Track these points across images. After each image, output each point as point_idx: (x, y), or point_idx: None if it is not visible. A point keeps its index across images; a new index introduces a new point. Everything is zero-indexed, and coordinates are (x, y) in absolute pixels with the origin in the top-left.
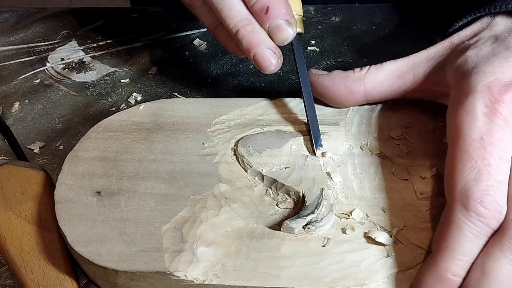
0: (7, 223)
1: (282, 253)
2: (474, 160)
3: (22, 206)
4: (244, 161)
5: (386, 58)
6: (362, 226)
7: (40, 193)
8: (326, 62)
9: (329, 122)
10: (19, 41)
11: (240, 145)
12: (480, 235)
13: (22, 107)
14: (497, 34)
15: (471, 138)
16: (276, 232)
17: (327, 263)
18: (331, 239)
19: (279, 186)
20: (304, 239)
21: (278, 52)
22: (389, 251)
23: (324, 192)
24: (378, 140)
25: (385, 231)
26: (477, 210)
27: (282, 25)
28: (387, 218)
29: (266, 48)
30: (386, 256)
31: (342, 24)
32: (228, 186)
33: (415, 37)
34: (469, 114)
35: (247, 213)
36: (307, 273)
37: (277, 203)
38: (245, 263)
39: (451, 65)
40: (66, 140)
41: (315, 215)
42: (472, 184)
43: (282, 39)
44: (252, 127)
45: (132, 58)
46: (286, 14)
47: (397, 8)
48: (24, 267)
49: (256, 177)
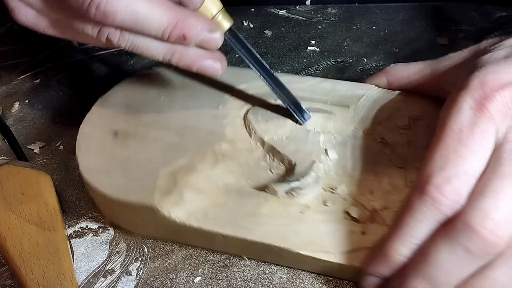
0: (7, 223)
1: (262, 211)
2: (446, 150)
3: (22, 206)
4: (250, 126)
5: (386, 58)
6: (344, 202)
7: (40, 193)
8: (326, 62)
9: (338, 103)
10: (19, 41)
11: (250, 112)
12: (431, 220)
13: (22, 107)
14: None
15: (451, 128)
16: (261, 193)
17: (300, 227)
18: (310, 208)
19: (276, 153)
20: (286, 203)
21: (217, 56)
22: (363, 229)
23: (315, 164)
24: (383, 127)
25: (365, 210)
26: (432, 194)
27: (205, 37)
28: (371, 199)
29: (203, 61)
30: (360, 233)
31: (342, 24)
32: (230, 146)
33: (415, 37)
34: (456, 106)
35: (240, 172)
36: (278, 232)
37: (270, 168)
38: (226, 214)
39: (466, 67)
40: (66, 140)
41: (300, 183)
42: (436, 171)
43: (214, 47)
44: (267, 98)
45: (132, 58)
46: (203, 26)
47: (397, 8)
48: (24, 267)
49: (258, 143)
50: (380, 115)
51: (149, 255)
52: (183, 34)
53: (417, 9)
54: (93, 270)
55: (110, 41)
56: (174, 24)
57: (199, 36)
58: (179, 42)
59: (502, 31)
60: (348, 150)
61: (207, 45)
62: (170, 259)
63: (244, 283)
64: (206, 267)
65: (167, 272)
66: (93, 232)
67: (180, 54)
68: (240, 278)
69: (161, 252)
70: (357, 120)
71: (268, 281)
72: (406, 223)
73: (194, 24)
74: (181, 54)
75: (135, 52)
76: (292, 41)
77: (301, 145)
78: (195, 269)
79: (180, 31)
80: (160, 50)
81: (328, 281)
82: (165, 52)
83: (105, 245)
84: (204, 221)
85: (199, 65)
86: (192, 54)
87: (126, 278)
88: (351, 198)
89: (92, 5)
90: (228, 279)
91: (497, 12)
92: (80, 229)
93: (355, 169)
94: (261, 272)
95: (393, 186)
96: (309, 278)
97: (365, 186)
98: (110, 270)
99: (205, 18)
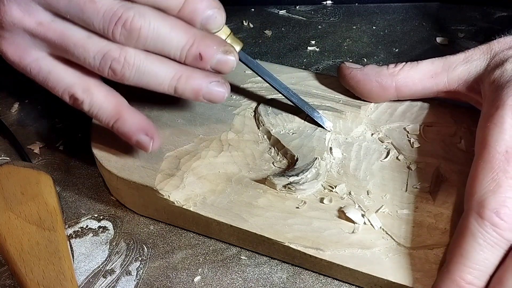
0: (7, 223)
1: (258, 202)
2: (496, 172)
3: (22, 206)
4: (259, 119)
5: (386, 58)
6: (341, 201)
7: (40, 193)
8: (326, 62)
9: (351, 104)
10: None
11: (261, 104)
12: (495, 246)
13: (22, 107)
14: None
15: (496, 150)
16: (260, 185)
17: (294, 222)
18: (307, 203)
19: (280, 147)
20: (283, 196)
21: (221, 80)
22: (356, 229)
23: (317, 161)
24: (393, 131)
25: (361, 211)
26: (491, 219)
27: (221, 58)
28: (368, 200)
29: (209, 84)
30: (351, 233)
31: (342, 24)
32: (236, 136)
33: (415, 37)
34: (497, 127)
35: (243, 163)
36: (272, 224)
37: (273, 161)
38: (223, 202)
39: (488, 76)
40: (66, 140)
41: (299, 178)
42: (490, 195)
43: (229, 69)
44: (280, 94)
45: None
46: (219, 46)
47: (397, 8)
48: (24, 267)
49: (265, 135)
50: (391, 118)
51: (149, 255)
52: (199, 54)
53: (417, 9)
54: (93, 270)
55: (114, 70)
56: (191, 43)
57: (215, 57)
58: (196, 62)
59: (502, 31)
60: (354, 150)
61: (223, 68)
62: (170, 259)
63: (244, 283)
64: (206, 267)
65: (167, 272)
66: (93, 232)
67: (187, 77)
68: (240, 278)
69: (161, 252)
70: (367, 122)
71: (268, 281)
72: (468, 250)
73: (210, 44)
74: (187, 76)
75: (139, 82)
76: (292, 41)
77: (307, 141)
78: (195, 269)
79: (196, 50)
80: (169, 74)
81: (328, 281)
82: (173, 75)
83: (105, 245)
84: (202, 207)
85: (205, 90)
86: (198, 75)
87: (126, 278)
88: (349, 198)
89: (119, 23)
90: (228, 279)
91: (497, 12)
92: (80, 229)
93: (357, 170)
94: (261, 272)
95: (392, 190)
96: (309, 278)
97: (363, 187)
98: (110, 270)
99: (221, 39)
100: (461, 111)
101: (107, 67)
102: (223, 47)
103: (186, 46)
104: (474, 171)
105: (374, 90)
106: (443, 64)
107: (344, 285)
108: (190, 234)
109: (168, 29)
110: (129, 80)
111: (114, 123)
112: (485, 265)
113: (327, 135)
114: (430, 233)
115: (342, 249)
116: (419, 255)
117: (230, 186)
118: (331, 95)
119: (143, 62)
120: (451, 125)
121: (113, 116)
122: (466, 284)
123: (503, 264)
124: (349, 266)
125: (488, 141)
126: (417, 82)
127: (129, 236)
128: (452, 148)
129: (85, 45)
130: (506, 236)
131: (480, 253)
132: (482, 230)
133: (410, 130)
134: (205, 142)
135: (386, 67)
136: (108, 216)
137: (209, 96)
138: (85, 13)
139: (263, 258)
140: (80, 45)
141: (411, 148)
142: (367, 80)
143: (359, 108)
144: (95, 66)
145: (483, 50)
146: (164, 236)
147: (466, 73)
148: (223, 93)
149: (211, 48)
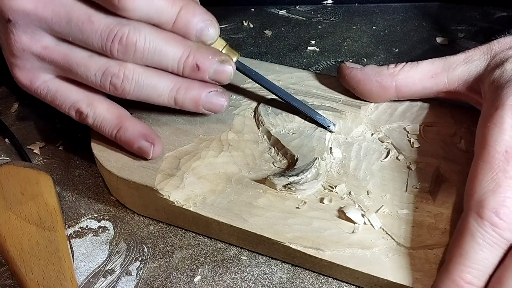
0: (7, 223)
1: (258, 202)
2: (495, 172)
3: (22, 206)
4: (259, 119)
5: (386, 58)
6: (341, 201)
7: (40, 193)
8: (326, 62)
9: (351, 104)
10: None
11: (261, 104)
12: (494, 245)
13: (22, 107)
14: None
15: (495, 150)
16: (260, 185)
17: (294, 222)
18: (307, 203)
19: (280, 147)
20: (283, 196)
21: (220, 90)
22: (356, 229)
23: (317, 161)
24: (393, 131)
25: (361, 211)
26: (491, 219)
27: (218, 68)
28: (368, 200)
29: (208, 93)
30: (351, 233)
31: (342, 24)
32: (236, 136)
33: (415, 37)
34: (496, 127)
35: (243, 163)
36: (272, 225)
37: (273, 161)
38: (223, 202)
39: (488, 76)
40: (66, 140)
41: (298, 178)
42: (489, 195)
43: (227, 78)
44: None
45: None
46: (214, 56)
47: (397, 8)
48: (24, 267)
49: (265, 135)
50: (391, 118)
51: (149, 255)
52: (196, 64)
53: (417, 9)
54: (93, 270)
55: (114, 85)
56: (187, 55)
57: (212, 66)
58: (193, 73)
59: (502, 31)
60: (354, 150)
61: (221, 78)
62: (170, 259)
63: (244, 283)
64: (206, 267)
65: (167, 272)
66: (93, 232)
67: (186, 88)
68: (240, 278)
69: (161, 252)
70: (367, 122)
71: (268, 281)
72: (468, 249)
73: (206, 55)
74: (186, 87)
75: (139, 95)
76: (292, 41)
77: (307, 141)
78: (195, 269)
79: (193, 61)
80: (168, 86)
81: (328, 281)
82: (172, 86)
83: (105, 245)
84: (202, 207)
85: (204, 100)
86: (197, 86)
87: (126, 278)
88: (349, 198)
89: (115, 40)
90: (228, 279)
91: (497, 12)
92: (80, 229)
93: (357, 170)
94: (261, 272)
95: (391, 190)
96: (309, 278)
97: (363, 187)
98: (110, 270)
99: (216, 50)
100: (461, 111)
101: (108, 82)
102: (218, 56)
103: (183, 58)
104: (474, 171)
105: (374, 90)
106: (443, 64)
107: (344, 285)
108: (190, 234)
109: (163, 42)
110: (130, 94)
111: (117, 133)
112: (485, 265)
113: (327, 135)
114: (430, 233)
115: (342, 249)
116: (419, 255)
117: (230, 186)
118: (331, 95)
119: (142, 76)
120: (451, 125)
121: (115, 126)
122: (465, 283)
123: (503, 264)
124: (349, 266)
125: (487, 141)
126: (417, 82)
127: (129, 236)
128: (452, 148)
129: (87, 64)
130: (505, 236)
131: (480, 253)
132: (482, 230)
133: (410, 130)
134: (205, 142)
135: (386, 67)
136: (108, 216)
137: (209, 105)
138: (84, 34)
139: (263, 258)
140: (82, 64)
141: (411, 148)
142: (367, 80)
143: (359, 108)
144: (97, 82)
145: (483, 50)
146: (164, 236)
147: (466, 73)
148: (222, 102)
149: (207, 58)
